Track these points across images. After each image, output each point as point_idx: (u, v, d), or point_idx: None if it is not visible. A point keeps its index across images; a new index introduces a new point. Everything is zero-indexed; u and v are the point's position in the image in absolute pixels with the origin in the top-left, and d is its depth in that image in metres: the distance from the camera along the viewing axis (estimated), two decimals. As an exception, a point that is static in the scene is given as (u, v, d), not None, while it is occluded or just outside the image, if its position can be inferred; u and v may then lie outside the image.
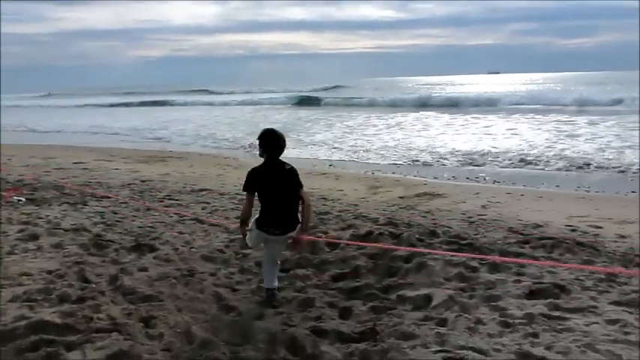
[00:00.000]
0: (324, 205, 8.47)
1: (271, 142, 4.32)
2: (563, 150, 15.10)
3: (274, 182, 4.26)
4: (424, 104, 37.13)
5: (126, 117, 35.87)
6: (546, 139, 17.49)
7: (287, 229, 4.35)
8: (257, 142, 4.43)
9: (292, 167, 4.36)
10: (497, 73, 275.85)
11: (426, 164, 14.32)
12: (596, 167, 12.82)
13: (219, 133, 23.73)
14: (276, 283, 4.52)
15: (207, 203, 8.53)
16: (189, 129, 26.11)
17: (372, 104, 41.06)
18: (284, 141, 4.36)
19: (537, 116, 25.55)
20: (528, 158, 14.18)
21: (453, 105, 36.10)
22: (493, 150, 15.64)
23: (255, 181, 4.29)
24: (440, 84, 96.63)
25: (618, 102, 29.78)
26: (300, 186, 4.37)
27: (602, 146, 15.42)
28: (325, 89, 69.76)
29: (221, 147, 19.51)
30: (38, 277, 4.64)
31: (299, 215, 4.39)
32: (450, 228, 6.67)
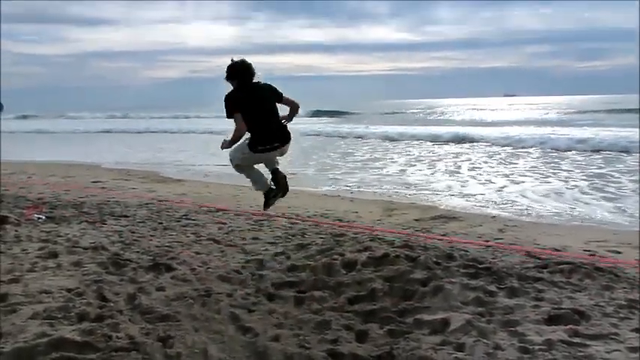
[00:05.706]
0: (340, 226, 8.48)
1: (244, 70, 4.40)
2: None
3: (260, 101, 4.32)
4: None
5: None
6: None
7: (284, 139, 4.48)
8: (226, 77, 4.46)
9: (267, 83, 4.48)
10: (514, 95, 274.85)
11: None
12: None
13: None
14: (270, 182, 4.88)
15: (224, 224, 8.58)
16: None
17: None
18: (253, 67, 4.43)
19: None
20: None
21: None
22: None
23: (237, 103, 4.33)
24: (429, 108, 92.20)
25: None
26: (282, 95, 4.54)
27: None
28: None
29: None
30: (58, 295, 4.68)
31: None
32: (467, 251, 6.63)
